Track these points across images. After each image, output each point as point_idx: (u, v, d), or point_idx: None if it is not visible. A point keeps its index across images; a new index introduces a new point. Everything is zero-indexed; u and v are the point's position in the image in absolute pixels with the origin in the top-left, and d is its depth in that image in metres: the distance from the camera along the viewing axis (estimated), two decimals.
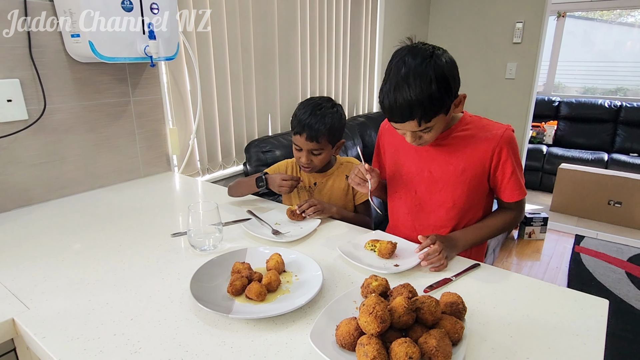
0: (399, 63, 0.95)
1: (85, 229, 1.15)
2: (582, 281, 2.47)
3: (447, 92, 0.95)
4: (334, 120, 1.29)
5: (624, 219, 3.25)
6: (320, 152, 1.32)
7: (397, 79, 0.94)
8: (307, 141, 1.28)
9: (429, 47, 0.96)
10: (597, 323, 0.75)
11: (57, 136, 1.35)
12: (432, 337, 0.62)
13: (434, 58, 0.93)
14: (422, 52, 0.94)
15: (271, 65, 2.11)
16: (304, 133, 1.27)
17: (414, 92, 0.91)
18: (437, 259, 0.95)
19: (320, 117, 1.27)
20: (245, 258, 0.95)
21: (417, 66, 0.92)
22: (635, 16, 4.49)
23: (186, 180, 1.66)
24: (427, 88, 0.91)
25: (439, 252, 0.95)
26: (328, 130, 1.28)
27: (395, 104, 0.95)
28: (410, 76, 0.92)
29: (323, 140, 1.29)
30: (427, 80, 0.91)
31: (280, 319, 0.75)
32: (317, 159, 1.33)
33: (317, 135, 1.27)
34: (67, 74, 1.33)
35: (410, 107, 0.93)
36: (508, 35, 3.19)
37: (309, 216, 1.21)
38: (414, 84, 0.91)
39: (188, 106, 1.76)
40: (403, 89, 0.92)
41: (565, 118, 4.41)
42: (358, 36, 2.74)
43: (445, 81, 0.93)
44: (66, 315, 0.76)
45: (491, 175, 1.09)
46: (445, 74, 0.93)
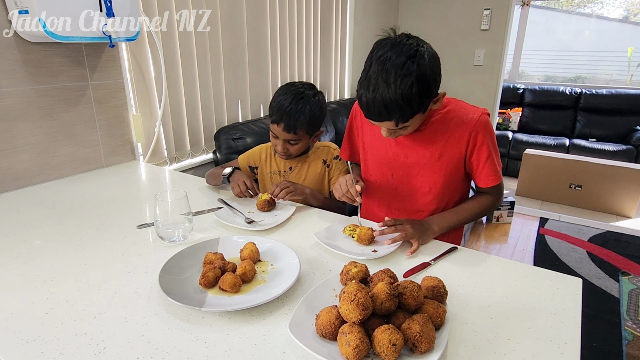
0: (381, 59, 0.90)
1: (42, 223, 1.07)
2: (547, 262, 2.57)
3: (426, 94, 0.92)
4: (314, 110, 1.25)
5: (584, 201, 3.40)
6: (297, 142, 1.28)
7: (377, 77, 0.90)
8: (284, 132, 1.24)
9: (414, 44, 0.91)
10: (572, 301, 0.76)
11: (6, 123, 1.24)
12: (415, 322, 0.60)
13: (417, 58, 0.89)
14: (406, 50, 0.89)
15: (240, 50, 2.03)
16: (281, 123, 1.23)
17: (393, 94, 0.88)
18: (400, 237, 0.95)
19: (301, 106, 1.22)
20: (218, 248, 0.91)
21: (399, 67, 0.88)
22: (591, 7, 4.66)
23: (152, 170, 1.58)
24: (408, 91, 0.88)
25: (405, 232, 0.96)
26: (307, 122, 1.24)
27: (373, 104, 0.91)
28: (391, 76, 0.88)
29: (301, 132, 1.25)
30: (408, 83, 0.88)
31: (257, 310, 0.72)
32: (293, 148, 1.29)
33: (295, 126, 1.22)
34: (16, 54, 1.22)
35: (388, 109, 0.91)
36: (476, 21, 3.23)
37: (283, 199, 1.18)
38: (394, 85, 0.88)
39: (152, 91, 1.67)
40: (383, 90, 0.89)
41: (529, 105, 4.54)
42: (328, 21, 2.69)
43: (425, 83, 0.90)
44: (20, 316, 0.70)
45: (467, 159, 1.08)
46: (427, 75, 0.90)
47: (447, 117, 1.06)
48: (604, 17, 4.67)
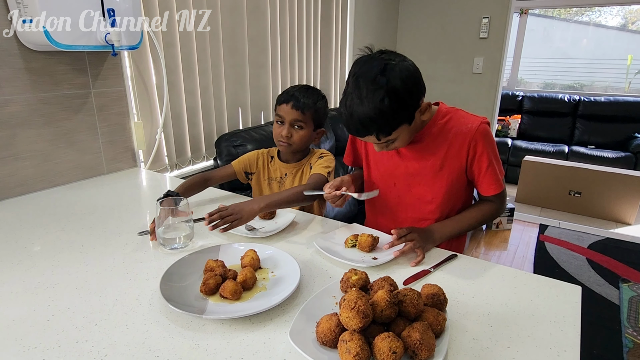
0: (354, 77, 0.94)
1: (44, 230, 1.07)
2: (547, 269, 2.57)
3: (402, 107, 0.93)
4: (321, 100, 1.31)
5: (584, 208, 3.40)
6: (301, 127, 1.29)
7: (351, 95, 0.93)
8: (293, 109, 1.26)
9: (384, 60, 0.92)
10: (572, 309, 0.77)
11: (9, 130, 1.25)
12: (415, 330, 0.61)
13: (387, 72, 0.90)
14: (375, 66, 0.92)
15: (241, 58, 2.05)
16: (290, 101, 1.27)
17: (366, 109, 0.91)
18: (409, 248, 0.95)
19: (311, 91, 1.30)
20: (219, 255, 0.91)
21: (368, 84, 0.90)
22: (589, 15, 4.70)
23: (153, 176, 1.59)
24: (379, 105, 0.90)
25: (412, 242, 0.96)
26: (315, 105, 1.28)
27: (350, 121, 0.95)
28: (362, 93, 0.91)
29: (308, 114, 1.28)
30: (378, 97, 0.90)
31: (258, 318, 0.72)
32: (297, 135, 1.29)
33: (303, 105, 1.26)
34: (19, 62, 1.23)
35: (364, 125, 0.93)
36: (475, 30, 3.26)
37: (219, 230, 0.99)
38: (365, 101, 0.90)
39: (154, 99, 1.69)
40: (357, 106, 0.92)
41: (528, 112, 4.56)
42: (329, 29, 2.71)
43: (398, 96, 0.91)
44: (22, 323, 0.70)
45: (468, 169, 1.09)
46: (397, 89, 0.91)
47: (447, 128, 1.07)
48: (602, 25, 4.71)
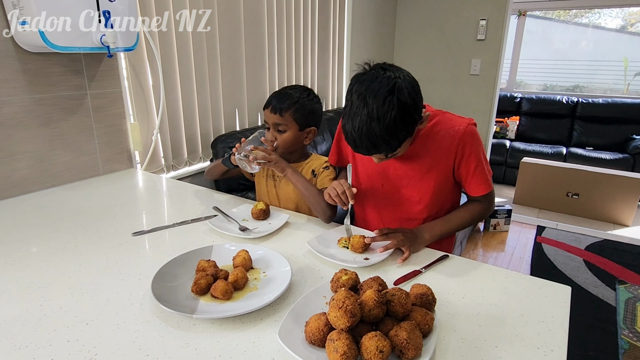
0: (361, 96, 0.91)
1: (38, 230, 1.08)
2: (544, 270, 2.57)
3: (411, 124, 0.94)
4: (303, 98, 1.29)
5: (581, 209, 3.41)
6: (284, 130, 1.28)
7: (360, 114, 0.90)
8: (271, 113, 1.27)
9: (390, 79, 0.90)
10: (560, 309, 0.77)
11: (5, 131, 1.25)
12: (402, 329, 0.61)
13: (395, 94, 0.89)
14: (383, 87, 0.89)
15: (238, 58, 2.06)
16: (269, 105, 1.28)
17: (378, 130, 0.90)
18: (393, 245, 0.96)
19: (291, 92, 1.29)
20: (211, 256, 0.92)
21: (379, 108, 0.89)
22: (589, 17, 4.71)
23: (150, 178, 1.59)
24: (392, 126, 0.90)
25: (397, 240, 0.97)
26: (294, 105, 1.26)
27: (360, 141, 0.93)
28: (373, 113, 0.89)
29: (287, 115, 1.26)
30: (391, 118, 0.89)
31: (248, 318, 0.73)
32: (280, 138, 1.29)
33: (281, 107, 1.26)
34: (15, 64, 1.24)
35: (375, 145, 0.93)
36: (472, 31, 3.26)
37: (257, 162, 1.19)
38: (376, 122, 0.89)
39: (150, 100, 1.69)
40: (367, 127, 0.90)
41: (527, 114, 4.57)
42: (326, 30, 2.72)
43: (408, 114, 0.92)
44: (14, 322, 0.70)
45: (455, 170, 1.09)
46: (408, 108, 0.91)
47: (434, 130, 1.07)
48: (601, 27, 4.72)
